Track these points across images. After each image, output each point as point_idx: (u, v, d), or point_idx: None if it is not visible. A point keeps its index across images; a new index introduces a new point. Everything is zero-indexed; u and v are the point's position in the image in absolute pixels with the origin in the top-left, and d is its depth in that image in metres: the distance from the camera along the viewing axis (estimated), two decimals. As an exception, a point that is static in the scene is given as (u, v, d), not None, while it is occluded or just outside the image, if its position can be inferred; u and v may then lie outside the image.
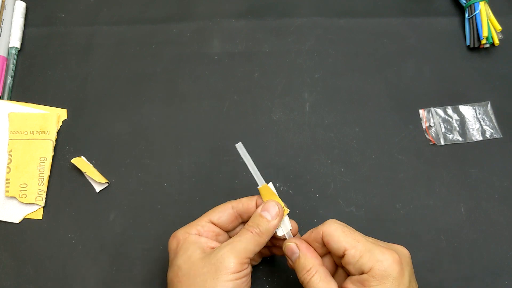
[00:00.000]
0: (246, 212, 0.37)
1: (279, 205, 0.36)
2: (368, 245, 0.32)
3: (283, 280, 0.41)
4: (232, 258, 0.32)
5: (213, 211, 0.37)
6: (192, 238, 0.35)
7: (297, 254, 0.34)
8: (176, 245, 0.35)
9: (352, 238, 0.33)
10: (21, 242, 0.43)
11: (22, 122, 0.46)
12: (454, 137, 0.47)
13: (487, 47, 0.51)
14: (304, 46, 0.51)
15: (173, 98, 0.48)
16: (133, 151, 0.46)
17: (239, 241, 0.34)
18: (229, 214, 0.37)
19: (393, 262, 0.31)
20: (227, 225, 0.37)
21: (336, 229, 0.33)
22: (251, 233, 0.34)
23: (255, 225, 0.35)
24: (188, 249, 0.34)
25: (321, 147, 0.46)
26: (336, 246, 0.33)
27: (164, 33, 0.51)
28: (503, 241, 0.43)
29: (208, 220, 0.36)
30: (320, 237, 0.34)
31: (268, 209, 0.35)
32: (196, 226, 0.36)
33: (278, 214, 0.35)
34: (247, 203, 0.37)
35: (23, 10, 0.52)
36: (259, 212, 0.35)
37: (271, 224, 0.35)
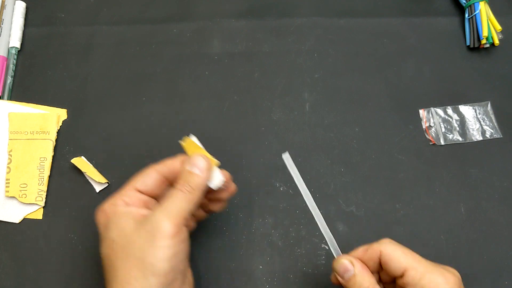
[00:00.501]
0: (172, 173, 0.35)
1: (206, 157, 0.34)
2: (429, 267, 0.32)
3: (283, 280, 0.41)
4: (167, 221, 0.31)
5: (137, 179, 0.35)
6: (121, 209, 0.33)
7: (351, 272, 0.33)
8: (105, 219, 0.33)
9: (412, 258, 0.32)
10: (21, 242, 0.42)
11: (22, 122, 0.46)
12: (454, 137, 0.47)
13: (487, 47, 0.51)
14: (304, 46, 0.51)
15: (173, 98, 0.48)
16: (133, 151, 0.46)
17: (171, 203, 0.32)
18: (154, 178, 0.35)
19: (454, 285, 0.31)
20: (154, 191, 0.35)
21: (395, 249, 0.32)
22: (181, 191, 0.32)
23: (184, 182, 0.33)
24: (119, 221, 0.32)
25: (321, 147, 0.46)
26: (396, 266, 0.32)
27: (164, 33, 0.51)
28: (503, 241, 0.43)
29: (133, 188, 0.34)
30: (377, 256, 0.33)
31: (195, 164, 0.33)
32: (122, 196, 0.34)
33: (207, 167, 0.34)
34: (172, 164, 0.35)
35: (23, 10, 0.52)
36: (186, 168, 0.33)
37: (201, 178, 0.33)
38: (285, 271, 0.41)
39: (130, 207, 0.33)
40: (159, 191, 0.36)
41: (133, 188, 0.34)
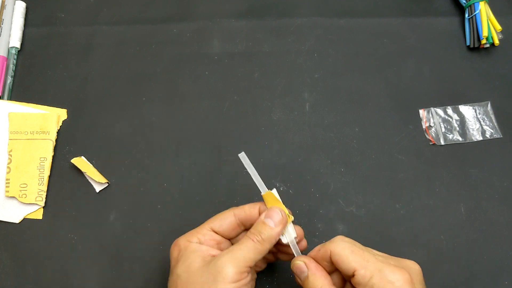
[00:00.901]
0: (248, 220, 0.36)
1: (283, 212, 0.35)
2: (378, 265, 0.31)
3: (283, 280, 0.41)
4: (230, 267, 0.32)
5: (215, 219, 0.36)
6: (193, 247, 0.34)
7: (305, 273, 0.34)
8: (178, 253, 0.35)
9: (361, 257, 0.32)
10: (21, 242, 0.42)
11: (22, 122, 0.46)
12: (454, 137, 0.47)
13: (487, 47, 0.51)
14: (304, 46, 0.51)
15: (173, 98, 0.48)
16: (133, 151, 0.46)
17: (239, 250, 0.33)
18: (230, 222, 0.36)
19: (404, 282, 0.30)
20: (228, 233, 0.36)
21: (344, 248, 0.32)
22: (252, 241, 0.33)
23: (257, 232, 0.34)
24: (188, 258, 0.34)
25: (321, 147, 0.46)
26: (345, 266, 0.32)
27: (164, 33, 0.51)
28: (503, 241, 0.43)
29: (210, 228, 0.36)
30: (328, 256, 0.33)
31: (271, 216, 0.34)
32: (197, 234, 0.35)
33: (281, 222, 0.34)
34: (250, 211, 0.36)
35: (23, 10, 0.52)
36: (262, 219, 0.35)
37: (274, 231, 0.34)
38: (285, 271, 0.41)
39: (202, 246, 0.34)
40: (234, 233, 0.37)
41: (210, 228, 0.36)
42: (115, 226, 0.43)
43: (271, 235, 0.34)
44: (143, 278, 0.41)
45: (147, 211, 0.44)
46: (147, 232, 0.43)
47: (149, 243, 0.42)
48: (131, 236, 0.43)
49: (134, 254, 0.42)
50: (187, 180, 0.45)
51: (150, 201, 0.44)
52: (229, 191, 0.44)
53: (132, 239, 0.43)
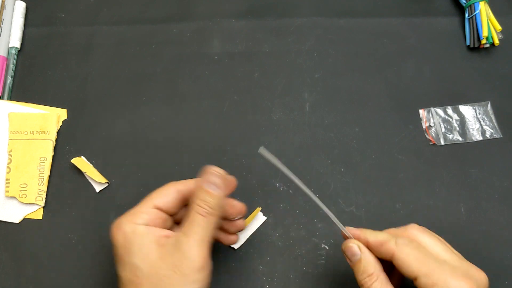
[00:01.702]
0: (191, 194, 0.33)
1: (220, 172, 0.33)
2: (443, 276, 0.30)
3: (283, 280, 0.41)
4: (196, 253, 0.30)
5: (157, 195, 0.33)
6: (142, 230, 0.31)
7: (358, 256, 0.33)
8: (124, 239, 0.31)
9: (426, 266, 0.31)
10: (21, 242, 0.42)
11: (22, 122, 0.46)
12: (454, 137, 0.47)
13: (487, 47, 0.51)
14: (304, 46, 0.51)
15: (173, 98, 0.48)
16: (133, 151, 0.46)
17: (196, 231, 0.31)
18: (174, 198, 0.33)
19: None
20: (172, 210, 0.34)
21: (409, 254, 0.31)
22: (202, 216, 0.31)
23: (202, 203, 0.31)
24: (142, 245, 0.31)
25: (321, 147, 0.46)
26: (408, 271, 0.31)
27: (164, 33, 0.51)
28: (503, 241, 0.43)
29: (153, 205, 0.33)
30: (390, 256, 0.32)
31: (210, 181, 0.32)
32: (142, 214, 0.32)
33: (222, 184, 0.32)
34: (192, 184, 0.34)
35: (23, 10, 0.52)
36: (202, 187, 0.32)
37: (219, 195, 0.32)
38: (285, 271, 0.41)
39: (151, 228, 0.32)
40: (177, 210, 0.35)
41: (152, 205, 0.33)
42: (115, 226, 0.43)
43: (218, 201, 0.32)
44: (143, 278, 0.41)
45: (147, 211, 0.43)
46: (147, 232, 0.43)
47: (149, 243, 0.42)
48: (131, 236, 0.43)
49: (134, 254, 0.42)
50: (187, 180, 0.45)
51: (150, 201, 0.44)
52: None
53: (132, 239, 0.42)
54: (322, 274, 0.41)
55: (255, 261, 0.41)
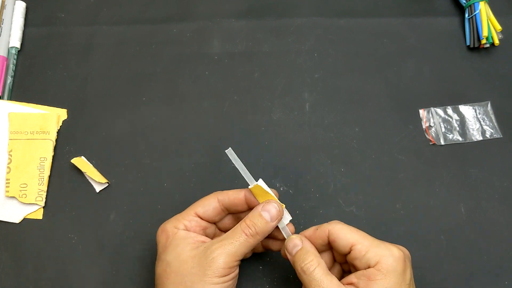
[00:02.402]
0: (232, 205, 0.36)
1: (280, 206, 0.35)
2: (375, 241, 0.33)
3: (283, 280, 0.41)
4: (222, 262, 0.32)
5: (198, 204, 0.36)
6: (181, 234, 0.35)
7: (299, 246, 0.34)
8: (165, 240, 0.35)
9: (359, 234, 0.34)
10: (21, 242, 0.43)
11: (22, 122, 0.46)
12: (454, 137, 0.47)
13: (487, 47, 0.51)
14: (304, 46, 0.51)
15: (173, 98, 0.48)
16: (133, 151, 0.46)
17: (230, 243, 0.33)
18: (214, 207, 0.36)
19: (399, 257, 0.32)
20: (213, 218, 0.37)
21: (342, 226, 0.34)
22: (245, 235, 0.34)
23: (251, 224, 0.34)
24: (178, 245, 0.34)
25: (321, 147, 0.46)
26: (344, 243, 0.33)
27: (164, 33, 0.51)
28: (503, 241, 0.43)
29: (194, 213, 0.36)
30: (326, 235, 0.34)
31: (269, 210, 0.35)
32: (183, 220, 0.36)
33: (277, 217, 0.35)
34: (234, 196, 0.36)
35: (23, 10, 0.52)
36: (258, 211, 0.35)
37: (270, 225, 0.35)
38: (285, 271, 0.41)
39: (190, 233, 0.35)
40: (218, 218, 0.37)
41: (194, 213, 0.36)
42: (115, 226, 0.43)
43: (266, 229, 0.35)
44: (143, 278, 0.41)
45: (147, 211, 0.44)
46: (147, 232, 0.43)
47: (149, 243, 0.42)
48: (131, 236, 0.43)
49: (134, 254, 0.42)
50: (187, 180, 0.45)
51: (150, 201, 0.44)
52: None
53: (132, 239, 0.43)
54: (322, 274, 0.41)
55: (255, 261, 0.41)
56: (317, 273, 0.32)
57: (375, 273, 0.32)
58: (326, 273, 0.32)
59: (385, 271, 0.31)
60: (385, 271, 0.31)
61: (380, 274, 0.31)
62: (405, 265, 0.32)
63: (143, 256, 0.42)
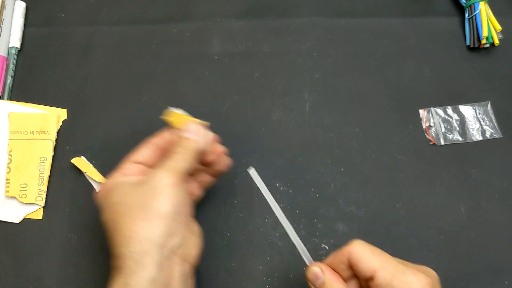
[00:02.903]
0: (168, 144, 0.36)
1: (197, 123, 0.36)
2: (399, 267, 0.30)
3: (283, 280, 0.41)
4: (166, 175, 0.32)
5: (133, 152, 0.36)
6: (120, 179, 0.34)
7: (322, 279, 0.32)
8: (106, 191, 0.34)
9: (382, 259, 0.31)
10: (21, 242, 0.43)
11: (22, 122, 0.46)
12: (454, 137, 0.47)
13: (487, 47, 0.51)
14: (304, 46, 0.51)
15: (173, 98, 0.48)
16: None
17: (168, 162, 0.33)
18: (152, 150, 0.36)
19: (426, 284, 0.29)
20: (152, 161, 0.36)
21: (363, 250, 0.31)
22: (178, 153, 0.34)
23: (180, 147, 0.34)
24: (119, 188, 0.33)
25: (321, 147, 0.46)
26: (365, 267, 0.30)
27: (164, 33, 0.51)
28: (503, 241, 0.43)
29: (131, 161, 0.36)
30: (346, 259, 0.31)
31: (189, 129, 0.35)
32: (121, 170, 0.35)
33: (199, 130, 0.36)
34: (167, 135, 0.37)
35: (23, 10, 0.52)
36: (181, 135, 0.35)
37: (196, 141, 0.35)
38: (285, 271, 0.41)
39: (128, 176, 0.35)
40: (157, 161, 0.36)
41: (131, 161, 0.36)
42: (115, 226, 0.43)
43: (194, 146, 0.35)
44: (143, 278, 0.41)
45: (147, 211, 0.43)
46: (147, 232, 0.43)
47: (149, 243, 0.42)
48: (131, 236, 0.43)
49: (134, 254, 0.42)
50: (187, 180, 0.45)
51: (150, 201, 0.44)
52: (229, 191, 0.44)
53: (132, 239, 0.42)
54: (322, 274, 0.41)
55: (255, 261, 0.41)
56: None
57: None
58: None
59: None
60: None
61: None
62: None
63: (143, 256, 0.42)
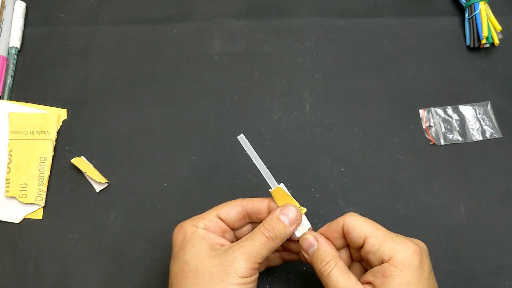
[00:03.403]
0: (255, 213, 0.36)
1: (298, 210, 0.35)
2: (389, 235, 0.32)
3: (283, 280, 0.41)
4: (243, 262, 0.31)
5: (222, 206, 0.36)
6: (200, 233, 0.34)
7: (315, 246, 0.34)
8: (183, 238, 0.34)
9: (373, 227, 0.33)
10: (21, 242, 0.43)
11: (22, 122, 0.46)
12: (454, 137, 0.47)
13: (487, 47, 0.51)
14: (304, 46, 0.51)
15: (173, 98, 0.48)
16: (133, 151, 0.46)
17: (252, 244, 0.32)
18: (237, 211, 0.35)
19: (414, 251, 0.31)
20: (234, 223, 0.36)
21: (357, 218, 0.33)
22: (265, 237, 0.33)
23: (270, 228, 0.33)
24: (196, 244, 0.33)
25: (321, 147, 0.46)
26: (357, 234, 0.32)
27: (164, 33, 0.51)
28: (503, 241, 0.43)
29: (216, 214, 0.35)
30: (340, 227, 0.34)
31: (287, 214, 0.34)
32: (203, 220, 0.34)
33: (296, 220, 0.34)
34: (258, 204, 0.36)
35: (23, 10, 0.52)
36: (276, 215, 0.34)
37: (288, 230, 0.34)
38: (285, 271, 0.41)
39: (209, 233, 0.34)
40: (239, 224, 0.36)
41: (216, 215, 0.35)
42: (115, 226, 0.43)
43: (285, 233, 0.34)
44: (143, 278, 0.41)
45: (147, 211, 0.44)
46: (147, 232, 0.43)
47: (149, 243, 0.42)
48: (131, 236, 0.43)
49: (134, 254, 0.42)
50: (187, 180, 0.45)
51: (150, 201, 0.44)
52: (228, 191, 0.44)
53: (132, 239, 0.43)
54: (322, 274, 0.41)
55: (255, 261, 0.41)
56: (333, 273, 0.32)
57: (390, 268, 0.30)
58: (343, 273, 0.32)
59: (400, 266, 0.30)
60: (400, 266, 0.30)
61: (395, 270, 0.30)
62: (422, 259, 0.31)
63: (143, 256, 0.42)
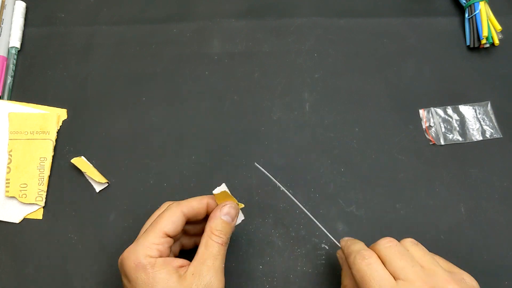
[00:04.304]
0: (195, 216, 0.35)
1: (236, 205, 0.36)
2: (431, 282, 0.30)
3: (283, 280, 0.41)
4: (217, 282, 0.32)
5: (164, 221, 0.33)
6: (160, 263, 0.32)
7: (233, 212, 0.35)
8: (146, 276, 0.31)
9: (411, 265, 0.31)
10: (21, 242, 0.43)
11: (22, 122, 0.46)
12: (454, 137, 0.47)
13: (487, 47, 0.51)
14: (304, 46, 0.51)
15: (173, 98, 0.48)
16: (133, 151, 0.46)
17: (216, 259, 0.32)
18: (182, 222, 0.34)
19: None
20: (179, 234, 0.35)
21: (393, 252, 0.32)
22: (220, 245, 0.33)
23: (219, 232, 0.33)
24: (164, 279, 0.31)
25: (321, 147, 0.46)
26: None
27: (164, 33, 0.51)
28: (503, 241, 0.43)
29: (163, 233, 0.33)
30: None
31: (228, 212, 0.35)
32: (155, 246, 0.32)
33: (236, 215, 0.36)
34: (198, 207, 0.35)
35: (23, 10, 0.52)
36: (221, 218, 0.34)
37: (233, 225, 0.35)
38: (285, 271, 0.41)
39: (167, 259, 0.32)
40: (181, 234, 0.36)
41: (162, 233, 0.33)
42: (115, 226, 0.43)
43: (231, 231, 0.35)
44: (143, 278, 0.41)
45: (147, 211, 0.43)
46: (147, 232, 0.43)
47: (149, 243, 0.42)
48: (131, 236, 0.43)
49: (134, 254, 0.42)
50: (187, 180, 0.45)
51: (150, 201, 0.44)
52: (229, 191, 0.44)
53: (132, 239, 0.42)
54: (322, 274, 0.41)
55: (255, 261, 0.41)
56: None
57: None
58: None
59: None
60: None
61: None
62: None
63: (143, 256, 0.42)
